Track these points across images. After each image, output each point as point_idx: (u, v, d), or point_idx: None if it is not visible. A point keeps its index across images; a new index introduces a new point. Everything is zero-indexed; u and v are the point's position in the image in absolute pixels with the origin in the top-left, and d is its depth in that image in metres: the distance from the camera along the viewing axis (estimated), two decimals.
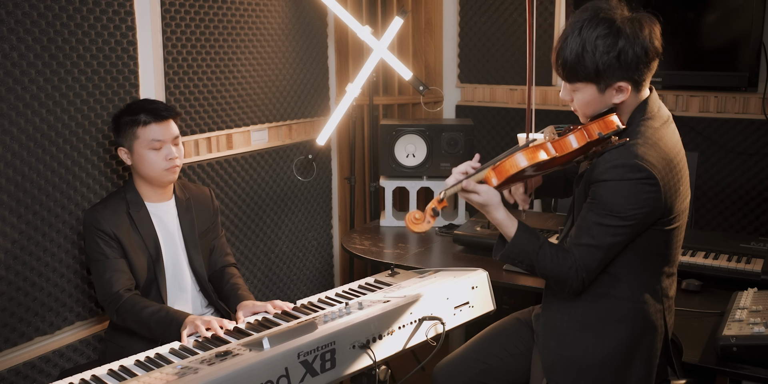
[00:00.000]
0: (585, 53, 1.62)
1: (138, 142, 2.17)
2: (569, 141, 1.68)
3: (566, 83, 1.71)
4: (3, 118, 2.05)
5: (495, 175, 1.69)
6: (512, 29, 3.50)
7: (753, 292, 2.10)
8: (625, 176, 1.60)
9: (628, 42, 1.61)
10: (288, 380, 1.56)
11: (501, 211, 1.73)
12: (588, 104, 1.70)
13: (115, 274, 2.13)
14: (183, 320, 1.99)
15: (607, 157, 1.64)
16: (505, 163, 1.68)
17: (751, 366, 1.76)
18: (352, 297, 2.10)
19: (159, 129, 2.17)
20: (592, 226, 1.65)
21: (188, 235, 2.31)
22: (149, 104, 2.21)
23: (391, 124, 3.11)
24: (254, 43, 2.98)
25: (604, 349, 1.74)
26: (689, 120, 3.12)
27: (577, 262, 1.67)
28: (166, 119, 2.18)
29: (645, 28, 1.64)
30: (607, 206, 1.63)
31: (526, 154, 1.66)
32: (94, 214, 2.15)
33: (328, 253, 3.63)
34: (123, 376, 1.67)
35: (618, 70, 1.63)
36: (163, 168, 2.18)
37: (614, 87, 1.66)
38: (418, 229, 1.74)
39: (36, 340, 2.22)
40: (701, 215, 3.18)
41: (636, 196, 1.61)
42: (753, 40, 2.87)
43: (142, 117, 2.16)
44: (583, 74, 1.64)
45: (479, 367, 2.00)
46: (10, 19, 2.03)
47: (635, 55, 1.62)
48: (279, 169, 3.22)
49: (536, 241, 1.71)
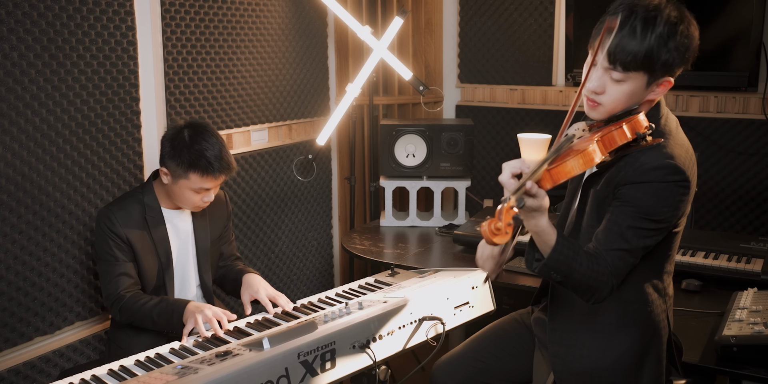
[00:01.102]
0: (663, 46, 1.55)
1: (186, 182, 2.11)
2: (615, 136, 1.56)
3: (609, 72, 1.60)
4: (3, 118, 2.05)
5: (551, 179, 1.52)
6: (512, 29, 3.50)
7: (753, 292, 2.10)
8: (665, 178, 1.56)
9: (695, 38, 1.60)
10: (288, 380, 1.56)
11: (546, 217, 1.55)
12: (630, 96, 1.62)
13: (121, 277, 2.13)
14: (184, 308, 2.00)
15: (643, 158, 1.58)
16: (563, 167, 1.51)
17: (751, 366, 1.76)
18: (352, 297, 2.10)
19: (212, 180, 2.12)
20: (626, 231, 1.59)
21: (201, 243, 2.30)
22: (214, 153, 2.09)
23: (391, 124, 3.10)
24: (254, 43, 2.98)
25: (615, 353, 1.72)
26: (689, 120, 3.12)
27: (609, 268, 1.60)
28: (222, 173, 2.12)
29: (696, 26, 1.63)
30: (643, 209, 1.57)
31: (583, 157, 1.52)
32: (109, 215, 2.13)
33: (328, 253, 3.63)
34: (123, 376, 1.67)
35: (678, 65, 1.60)
36: (195, 205, 2.18)
37: (660, 82, 1.62)
38: (501, 240, 1.43)
39: (36, 340, 2.22)
40: (701, 215, 3.18)
41: (672, 198, 1.57)
42: (753, 40, 2.87)
43: (203, 164, 2.07)
44: (646, 64, 1.57)
45: (477, 365, 2.00)
46: (10, 19, 2.03)
47: (694, 52, 1.62)
48: (279, 169, 3.22)
49: (575, 248, 1.58)
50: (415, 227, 3.10)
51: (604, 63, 1.62)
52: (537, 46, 3.46)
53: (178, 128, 2.15)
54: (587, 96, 1.67)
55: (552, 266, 1.57)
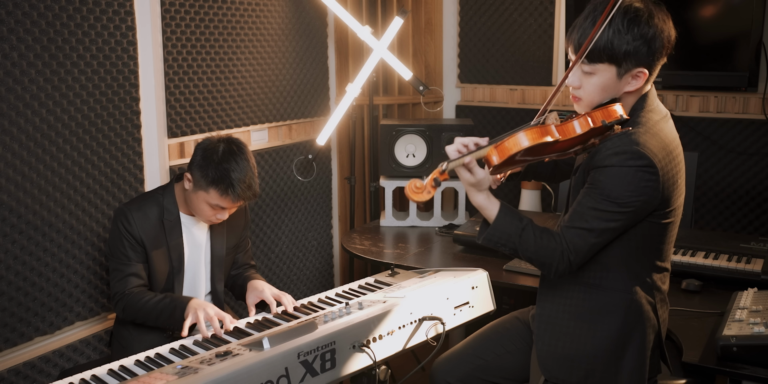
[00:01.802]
0: (617, 35, 1.61)
1: (205, 195, 2.10)
2: (573, 126, 1.65)
3: (581, 67, 1.68)
4: (3, 118, 2.05)
5: (497, 153, 1.65)
6: (512, 29, 3.50)
7: (753, 292, 2.10)
8: (626, 163, 1.60)
9: (658, 29, 1.63)
10: (288, 380, 1.56)
11: (483, 194, 1.73)
12: (602, 89, 1.68)
13: (130, 277, 2.14)
14: (186, 303, 2.01)
15: (609, 144, 1.64)
16: (508, 142, 1.63)
17: (751, 366, 1.76)
18: (352, 297, 2.10)
19: (230, 203, 2.10)
20: (587, 211, 1.65)
21: (216, 252, 2.30)
22: (240, 176, 2.07)
23: (391, 124, 3.10)
24: (254, 43, 2.98)
25: (596, 340, 1.75)
26: (689, 120, 3.12)
27: (564, 244, 1.67)
28: (241, 201, 2.12)
29: (669, 17, 1.67)
30: (605, 192, 1.62)
31: (529, 134, 1.63)
32: (127, 215, 2.13)
33: (328, 253, 3.64)
34: (123, 376, 1.67)
35: (644, 56, 1.63)
36: (208, 219, 2.17)
37: (632, 73, 1.66)
38: (418, 198, 1.70)
39: (36, 340, 2.22)
40: (701, 215, 3.18)
41: (635, 183, 1.61)
42: (753, 40, 2.87)
43: (226, 184, 2.05)
44: (609, 55, 1.63)
45: (477, 362, 2.01)
46: (10, 19, 2.03)
47: (662, 42, 1.65)
48: (279, 169, 3.22)
49: (519, 223, 1.70)
50: (415, 227, 3.10)
51: (572, 56, 1.70)
52: (537, 46, 3.46)
53: (215, 140, 2.13)
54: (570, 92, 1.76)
55: (492, 239, 1.73)
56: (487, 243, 1.74)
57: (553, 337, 1.80)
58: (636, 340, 1.74)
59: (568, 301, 1.79)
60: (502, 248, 1.74)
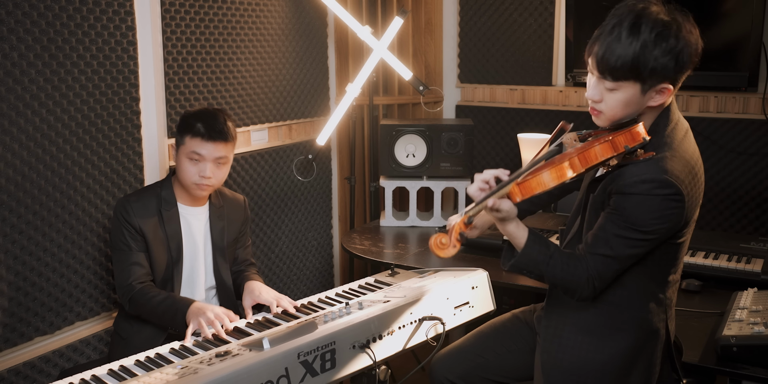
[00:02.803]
0: (644, 52, 1.53)
1: (182, 147, 2.18)
2: (595, 154, 1.57)
3: (601, 82, 1.61)
4: (3, 118, 2.05)
5: (520, 192, 1.59)
6: (512, 29, 3.50)
7: (753, 292, 2.10)
8: (653, 192, 1.55)
9: (686, 42, 1.56)
10: (288, 380, 1.56)
11: (514, 222, 1.66)
12: (626, 105, 1.61)
13: (134, 266, 2.16)
14: (187, 308, 2.02)
15: (635, 170, 1.58)
16: (532, 182, 1.57)
17: (751, 366, 1.76)
18: (352, 297, 2.10)
19: (204, 145, 2.15)
20: (612, 238, 1.61)
21: (217, 244, 2.31)
22: (211, 119, 2.17)
23: (391, 124, 3.11)
24: (254, 43, 2.98)
25: (604, 356, 1.72)
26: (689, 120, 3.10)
27: (589, 270, 1.63)
28: (215, 140, 2.16)
29: (695, 28, 1.60)
30: (630, 219, 1.58)
31: (554, 172, 1.56)
32: (126, 206, 2.17)
33: (328, 253, 3.63)
34: (123, 376, 1.67)
35: (671, 71, 1.56)
36: (194, 181, 2.18)
37: (657, 88, 1.59)
38: (444, 254, 1.61)
39: (36, 340, 2.22)
40: (701, 215, 3.18)
41: (661, 211, 1.57)
42: (753, 40, 2.87)
43: (196, 127, 2.15)
44: (634, 73, 1.55)
45: (477, 360, 2.01)
46: (10, 19, 2.03)
47: (689, 56, 1.57)
48: (279, 169, 3.22)
49: (546, 250, 1.65)
50: (415, 227, 3.10)
51: (594, 72, 1.62)
52: (537, 46, 3.46)
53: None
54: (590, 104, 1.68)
55: (520, 266, 1.68)
56: (513, 270, 1.70)
57: (560, 350, 1.78)
58: (645, 357, 1.73)
59: (579, 316, 1.76)
60: (528, 274, 1.70)
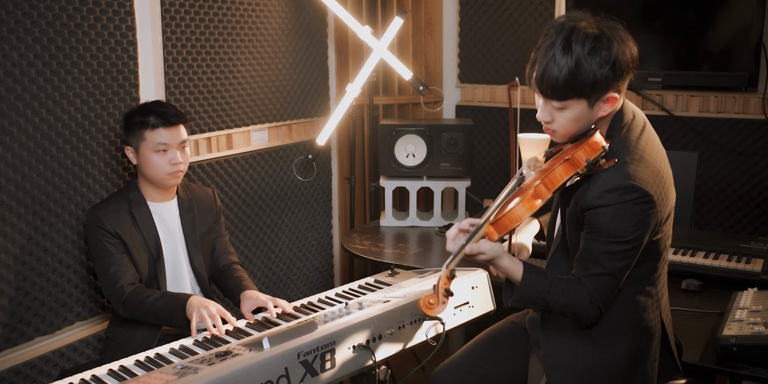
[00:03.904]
0: (580, 68, 1.55)
1: (144, 144, 2.18)
2: (559, 174, 1.60)
3: (548, 102, 1.63)
4: (3, 118, 2.05)
5: (495, 231, 1.62)
6: (512, 29, 3.50)
7: (753, 292, 2.10)
8: (621, 199, 1.56)
9: (619, 51, 1.57)
10: (288, 380, 1.56)
11: (506, 258, 1.66)
12: (576, 121, 1.63)
13: (120, 269, 2.16)
14: (185, 302, 2.03)
15: (598, 181, 1.59)
16: (504, 219, 1.61)
17: (751, 366, 1.76)
18: (352, 297, 2.10)
19: (167, 133, 2.18)
20: (599, 256, 1.61)
21: (189, 235, 2.32)
22: (160, 108, 2.21)
23: (391, 124, 3.10)
24: (254, 43, 2.98)
25: (609, 360, 1.72)
26: (689, 120, 3.12)
27: (590, 293, 1.63)
28: (174, 125, 2.19)
29: (626, 35, 1.61)
30: (610, 233, 1.58)
31: (524, 205, 1.59)
32: (97, 213, 2.16)
33: (328, 253, 3.63)
34: (123, 376, 1.67)
35: (612, 80, 1.58)
36: (167, 172, 2.20)
37: (603, 99, 1.61)
38: (434, 313, 1.67)
39: (36, 340, 2.22)
40: (701, 215, 3.18)
41: (635, 216, 1.57)
42: (752, 40, 2.87)
43: (151, 120, 2.17)
44: (577, 90, 1.57)
45: (476, 372, 1.99)
46: (10, 19, 2.03)
47: (626, 63, 1.59)
48: (279, 169, 3.22)
49: (545, 279, 1.65)
50: (415, 227, 3.10)
51: (538, 94, 1.65)
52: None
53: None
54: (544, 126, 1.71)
55: (522, 300, 1.67)
56: (517, 304, 1.69)
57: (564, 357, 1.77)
58: (645, 355, 1.73)
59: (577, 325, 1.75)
60: (533, 306, 1.69)
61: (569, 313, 1.67)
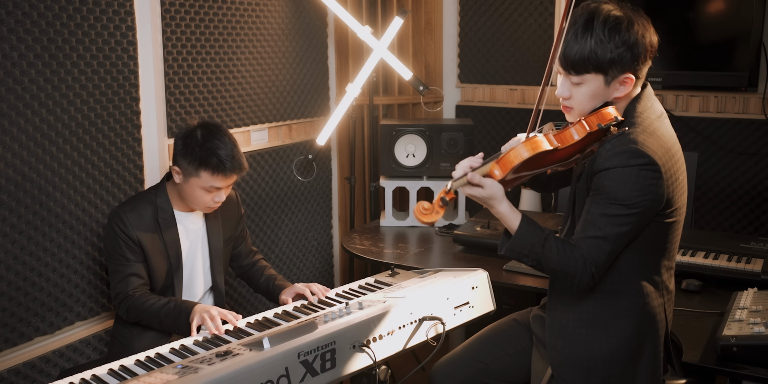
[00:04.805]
0: (600, 44, 1.64)
1: (197, 180, 2.12)
2: (570, 133, 1.67)
3: (568, 77, 1.71)
4: (3, 118, 2.05)
5: (499, 168, 1.68)
6: (512, 29, 3.50)
7: (753, 292, 2.10)
8: (628, 163, 1.60)
9: (639, 34, 1.65)
10: (288, 380, 1.56)
11: (504, 203, 1.71)
12: (592, 97, 1.71)
13: (131, 277, 2.14)
14: (191, 310, 2.02)
15: (607, 146, 1.65)
16: (509, 155, 1.66)
17: (751, 366, 1.76)
18: (352, 297, 2.10)
19: (223, 180, 2.13)
20: (598, 218, 1.64)
21: (214, 245, 2.30)
22: (225, 152, 2.10)
23: (391, 124, 3.11)
24: (254, 43, 2.98)
25: (610, 345, 1.73)
26: (689, 120, 3.12)
27: (584, 255, 1.65)
28: (233, 173, 2.13)
29: (648, 22, 1.69)
30: (612, 195, 1.62)
31: (528, 144, 1.65)
32: (121, 216, 2.12)
33: (328, 253, 3.64)
34: (123, 375, 1.67)
35: (629, 62, 1.65)
36: (206, 205, 2.18)
37: (620, 79, 1.68)
38: (427, 219, 1.72)
39: (36, 340, 2.22)
40: (701, 215, 3.18)
41: (640, 182, 1.61)
42: (752, 39, 2.87)
43: (214, 162, 2.08)
44: (595, 65, 1.65)
45: (476, 366, 2.01)
46: (10, 19, 2.03)
47: (644, 47, 1.66)
48: (279, 169, 3.22)
49: (541, 233, 1.69)
50: (415, 227, 3.10)
51: (560, 69, 1.73)
52: (537, 46, 3.46)
53: (191, 127, 2.16)
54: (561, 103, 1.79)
55: (516, 250, 1.71)
56: (510, 253, 1.72)
57: (566, 345, 1.78)
58: (650, 343, 1.74)
59: (580, 309, 1.77)
60: (525, 259, 1.72)
61: (560, 273, 1.68)
